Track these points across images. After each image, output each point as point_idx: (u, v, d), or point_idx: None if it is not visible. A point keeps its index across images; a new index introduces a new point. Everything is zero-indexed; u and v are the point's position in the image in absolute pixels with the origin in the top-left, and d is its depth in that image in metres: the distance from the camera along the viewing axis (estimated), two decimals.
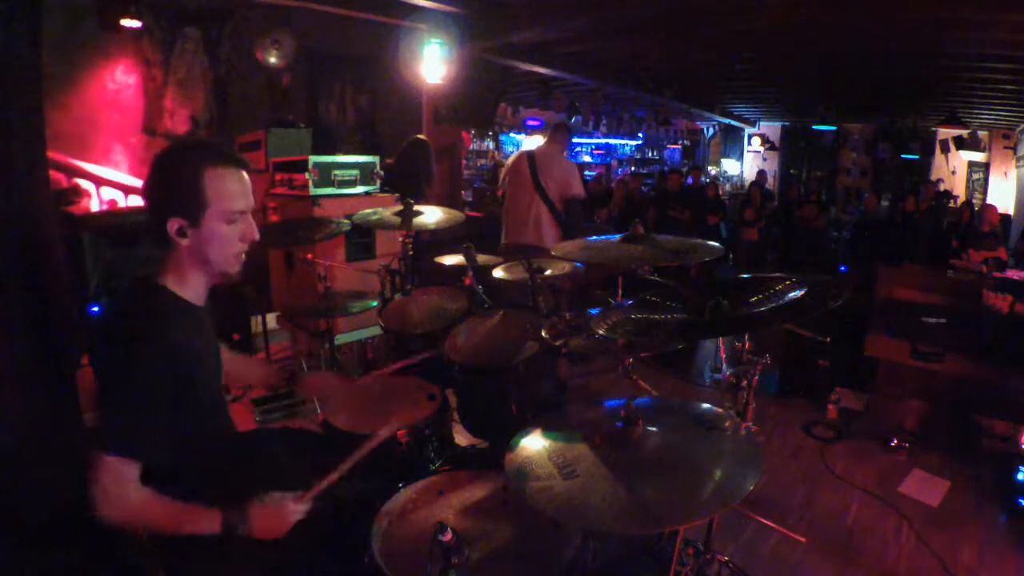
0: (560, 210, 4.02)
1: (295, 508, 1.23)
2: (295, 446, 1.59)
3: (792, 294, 1.46)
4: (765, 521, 2.41)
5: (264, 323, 3.75)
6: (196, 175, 1.20)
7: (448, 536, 0.95)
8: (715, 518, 1.99)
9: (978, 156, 9.60)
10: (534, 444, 1.26)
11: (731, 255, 7.48)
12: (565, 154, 4.25)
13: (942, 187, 9.77)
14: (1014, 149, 8.94)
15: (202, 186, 1.20)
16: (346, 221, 2.83)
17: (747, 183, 11.24)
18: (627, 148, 15.08)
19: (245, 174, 1.28)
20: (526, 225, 4.07)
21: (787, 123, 12.24)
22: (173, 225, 1.21)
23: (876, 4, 3.82)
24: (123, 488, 1.13)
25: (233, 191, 1.24)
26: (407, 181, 4.00)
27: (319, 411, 2.49)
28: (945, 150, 10.03)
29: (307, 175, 3.28)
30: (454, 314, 2.24)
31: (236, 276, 1.32)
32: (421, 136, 4.58)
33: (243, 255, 1.31)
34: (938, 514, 2.62)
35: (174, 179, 1.22)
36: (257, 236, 1.31)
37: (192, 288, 1.29)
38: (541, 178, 4.00)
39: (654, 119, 11.05)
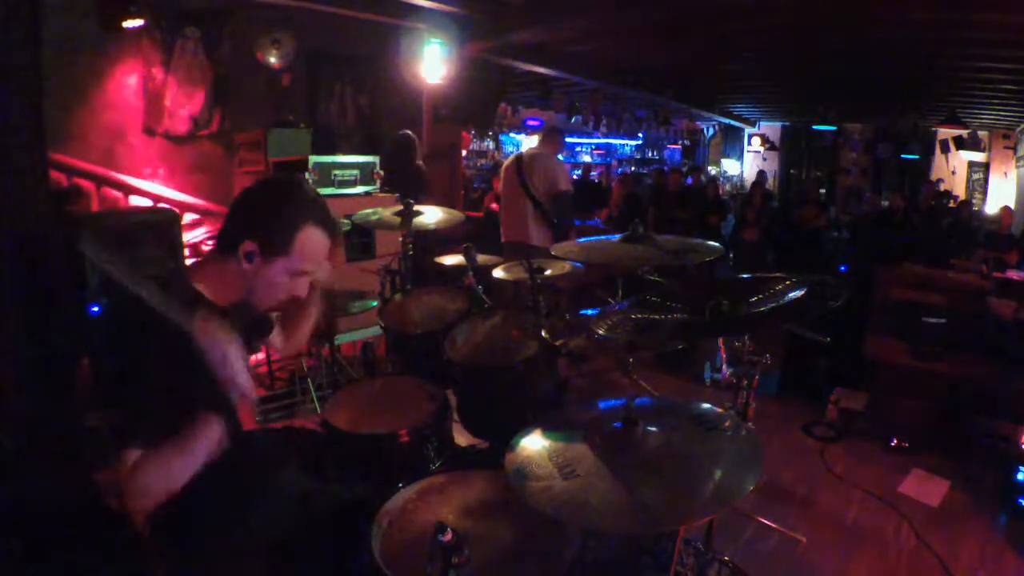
0: (547, 207, 4.14)
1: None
2: (295, 446, 1.59)
3: (792, 294, 1.46)
4: (765, 521, 2.41)
5: None
6: (298, 223, 1.21)
7: (448, 536, 0.95)
8: (715, 518, 1.99)
9: (978, 156, 9.60)
10: (534, 444, 1.26)
11: (731, 255, 7.47)
12: (557, 156, 4.35)
13: (942, 187, 9.76)
14: (1014, 149, 8.94)
15: (295, 235, 1.21)
16: (346, 221, 2.83)
17: (747, 183, 11.23)
18: (627, 148, 15.09)
19: (329, 242, 1.29)
20: (516, 223, 4.24)
21: (787, 123, 12.24)
22: (247, 247, 1.20)
23: (876, 4, 3.82)
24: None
25: (314, 253, 1.26)
26: (401, 181, 4.03)
27: (319, 411, 2.48)
28: (945, 150, 10.02)
29: (307, 175, 3.28)
30: (454, 314, 2.24)
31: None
32: (405, 132, 4.58)
33: (280, 305, 1.31)
34: (938, 514, 2.62)
35: (278, 212, 1.22)
36: (303, 295, 1.31)
37: (219, 296, 1.27)
38: (527, 178, 4.15)
39: (654, 119, 11.06)
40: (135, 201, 4.26)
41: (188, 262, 1.26)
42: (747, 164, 12.99)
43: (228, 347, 1.12)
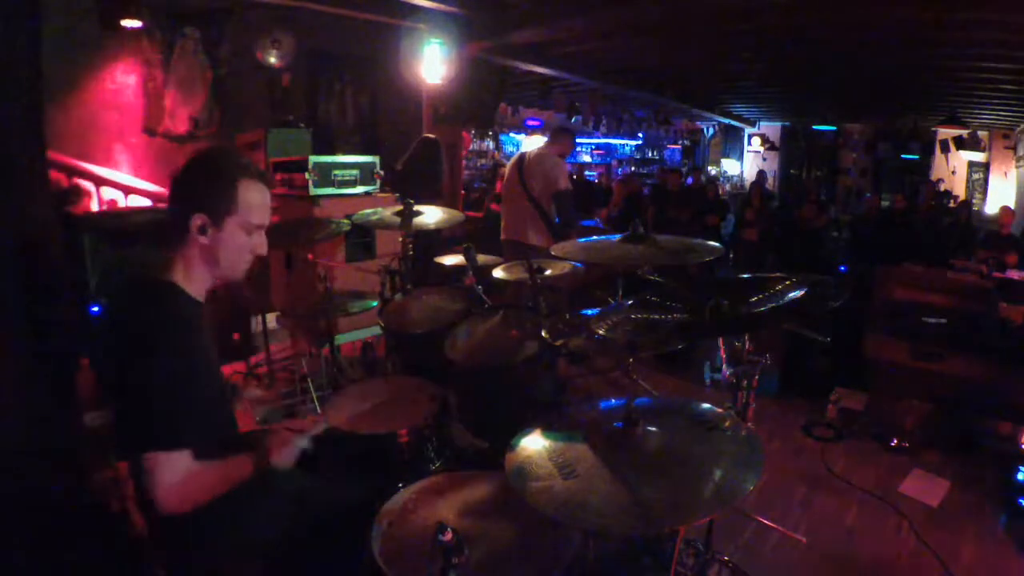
0: (546, 207, 4.15)
1: (297, 440, 1.35)
2: None
3: (792, 294, 1.46)
4: (765, 521, 2.41)
5: (264, 323, 3.75)
6: (232, 180, 1.29)
7: (448, 536, 0.95)
8: (715, 518, 1.99)
9: (978, 156, 9.59)
10: (534, 444, 1.26)
11: (731, 255, 7.48)
12: (563, 157, 4.33)
13: (942, 187, 9.76)
14: (1014, 149, 8.93)
15: (235, 192, 1.29)
16: (346, 221, 2.83)
17: (747, 183, 11.23)
18: (627, 148, 15.08)
19: (268, 193, 1.37)
20: (516, 221, 4.25)
21: (787, 123, 12.24)
22: (197, 221, 1.27)
23: (876, 4, 3.82)
24: (178, 475, 1.18)
25: (258, 204, 1.33)
26: (419, 181, 4.02)
27: (319, 411, 2.48)
28: (945, 150, 10.02)
29: (307, 175, 3.28)
30: (454, 314, 2.24)
31: (237, 282, 1.39)
32: (430, 135, 4.60)
33: (248, 266, 1.38)
34: (938, 514, 2.62)
35: (211, 178, 1.30)
36: (265, 251, 1.39)
37: (196, 285, 1.34)
38: (526, 178, 4.16)
39: (654, 119, 11.06)
40: (135, 201, 4.26)
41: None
42: (747, 164, 12.98)
43: None
